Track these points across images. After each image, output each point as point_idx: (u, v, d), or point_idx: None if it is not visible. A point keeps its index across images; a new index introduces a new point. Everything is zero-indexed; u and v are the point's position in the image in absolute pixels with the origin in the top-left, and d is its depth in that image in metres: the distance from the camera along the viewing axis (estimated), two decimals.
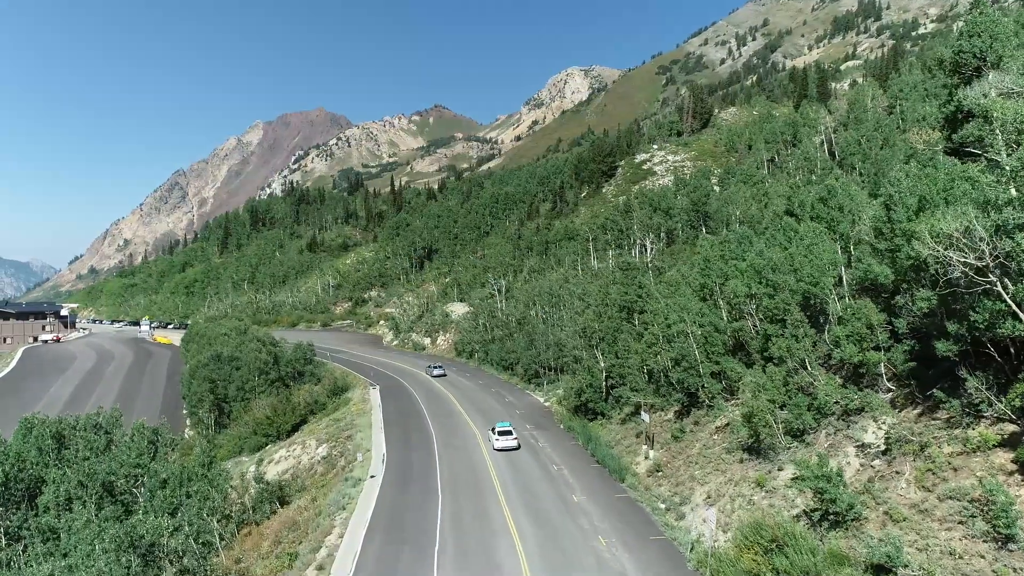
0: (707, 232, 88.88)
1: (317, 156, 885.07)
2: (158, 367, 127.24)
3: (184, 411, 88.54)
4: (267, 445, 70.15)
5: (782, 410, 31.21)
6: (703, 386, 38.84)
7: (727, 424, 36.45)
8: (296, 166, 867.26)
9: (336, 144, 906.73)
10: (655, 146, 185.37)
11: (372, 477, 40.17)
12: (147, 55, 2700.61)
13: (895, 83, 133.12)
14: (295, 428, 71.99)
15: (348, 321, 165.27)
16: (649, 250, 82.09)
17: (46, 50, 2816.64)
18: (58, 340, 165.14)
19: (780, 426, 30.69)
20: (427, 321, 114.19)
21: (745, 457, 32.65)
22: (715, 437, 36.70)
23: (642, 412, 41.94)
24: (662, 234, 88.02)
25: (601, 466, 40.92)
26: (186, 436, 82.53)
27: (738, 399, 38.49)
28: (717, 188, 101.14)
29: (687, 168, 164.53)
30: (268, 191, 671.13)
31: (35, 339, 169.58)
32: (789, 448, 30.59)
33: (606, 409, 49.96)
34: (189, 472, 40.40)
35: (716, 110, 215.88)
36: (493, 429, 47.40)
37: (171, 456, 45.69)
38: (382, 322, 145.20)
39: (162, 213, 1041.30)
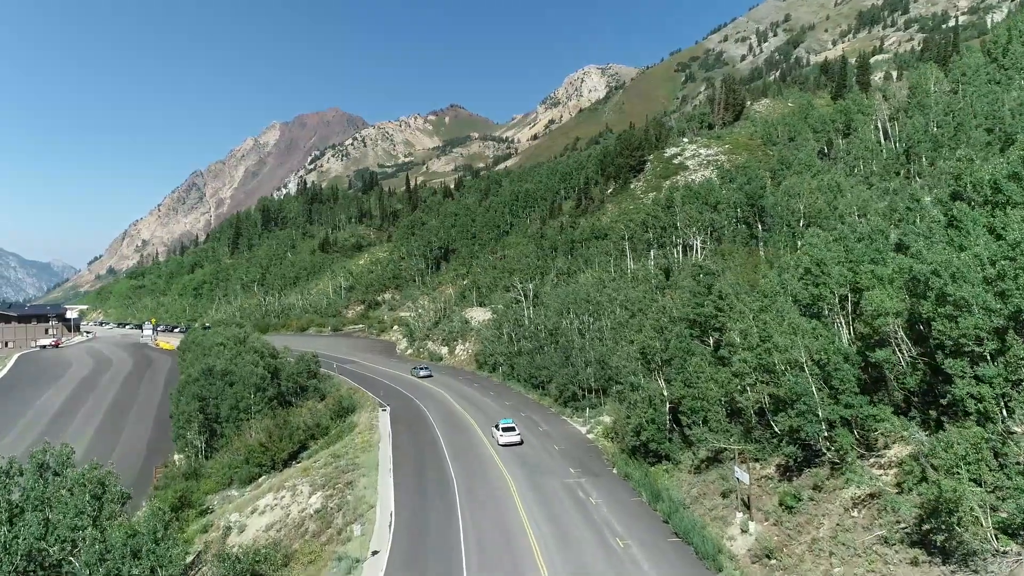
0: (763, 229, 77.91)
1: (333, 156, 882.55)
2: (156, 376, 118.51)
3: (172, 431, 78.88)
4: (260, 476, 60.66)
5: (980, 488, 20.60)
6: (827, 437, 28.21)
7: (872, 495, 25.81)
8: (312, 166, 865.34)
9: (352, 144, 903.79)
10: (685, 139, 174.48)
11: (374, 554, 30.07)
12: (163, 57, 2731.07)
13: (957, 66, 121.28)
14: (293, 456, 62.51)
15: (360, 326, 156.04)
16: (699, 250, 71.18)
17: (64, 54, 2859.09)
18: (56, 345, 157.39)
19: (988, 518, 20.05)
20: (444, 328, 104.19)
21: (921, 557, 21.98)
22: (855, 514, 26.02)
23: (735, 467, 31.38)
24: (713, 232, 77.07)
25: (681, 540, 30.41)
26: (175, 460, 73.27)
27: (879, 455, 27.84)
28: (768, 181, 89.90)
29: (721, 162, 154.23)
30: (284, 191, 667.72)
31: (37, 343, 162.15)
32: (1004, 554, 19.94)
33: (672, 451, 39.43)
34: (135, 546, 30.55)
35: (748, 102, 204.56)
36: (497, 426, 50.44)
37: (119, 516, 35.91)
38: (396, 327, 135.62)
39: (180, 214, 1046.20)
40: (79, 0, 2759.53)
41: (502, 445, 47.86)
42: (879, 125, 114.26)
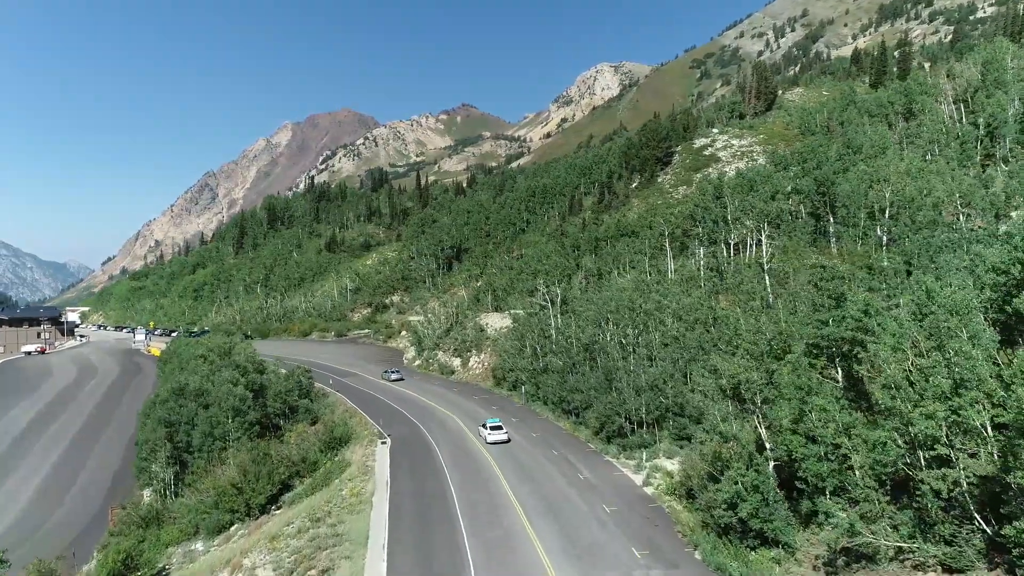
0: (835, 222, 65.48)
1: (344, 156, 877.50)
2: (142, 387, 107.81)
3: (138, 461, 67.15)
4: (232, 524, 49.48)
5: None
6: None
7: None
8: (323, 166, 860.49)
9: (363, 144, 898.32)
10: (715, 130, 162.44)
11: None
12: (175, 58, 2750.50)
13: None
14: (273, 499, 51.23)
15: (366, 331, 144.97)
16: (765, 247, 58.91)
17: (78, 56, 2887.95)
18: (43, 351, 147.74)
19: None
20: (456, 336, 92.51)
21: None
22: None
23: None
24: (780, 226, 64.67)
25: None
26: (142, 496, 62.14)
27: None
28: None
29: (756, 153, 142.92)
30: (296, 192, 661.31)
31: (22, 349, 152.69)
32: None
33: (785, 533, 27.49)
34: None
35: (780, 91, 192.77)
36: (484, 425, 52.07)
37: None
38: (404, 333, 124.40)
39: (192, 214, 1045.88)
40: (91, 2, 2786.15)
41: (489, 443, 49.63)
42: (944, 108, 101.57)
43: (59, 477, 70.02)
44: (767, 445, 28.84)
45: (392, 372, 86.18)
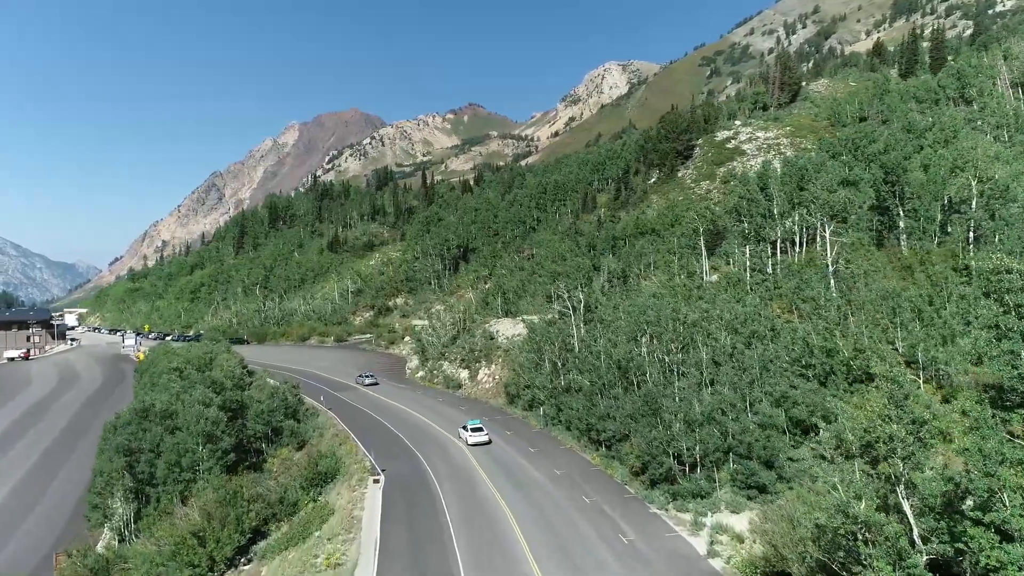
0: (904, 214, 55.99)
1: (351, 156, 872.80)
2: (122, 398, 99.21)
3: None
4: None
5: None
6: None
7: None
8: (330, 166, 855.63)
9: (370, 143, 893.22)
10: (738, 122, 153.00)
11: None
12: (183, 58, 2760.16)
13: None
14: (243, 549, 42.59)
15: (368, 336, 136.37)
16: (829, 246, 49.47)
17: (84, 54, 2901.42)
18: (26, 357, 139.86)
19: None
20: (464, 345, 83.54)
21: None
22: None
23: None
24: (845, 221, 55.13)
25: None
26: (102, 536, 53.36)
27: None
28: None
29: (783, 146, 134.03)
30: (299, 191, 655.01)
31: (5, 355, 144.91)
32: None
33: None
34: None
35: (804, 83, 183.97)
36: (465, 427, 52.18)
37: None
38: (407, 338, 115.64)
39: (199, 215, 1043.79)
40: (98, 2, 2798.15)
41: (471, 444, 49.61)
42: (1003, 91, 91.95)
43: (9, 511, 61.36)
44: (915, 531, 19.75)
45: (367, 377, 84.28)
